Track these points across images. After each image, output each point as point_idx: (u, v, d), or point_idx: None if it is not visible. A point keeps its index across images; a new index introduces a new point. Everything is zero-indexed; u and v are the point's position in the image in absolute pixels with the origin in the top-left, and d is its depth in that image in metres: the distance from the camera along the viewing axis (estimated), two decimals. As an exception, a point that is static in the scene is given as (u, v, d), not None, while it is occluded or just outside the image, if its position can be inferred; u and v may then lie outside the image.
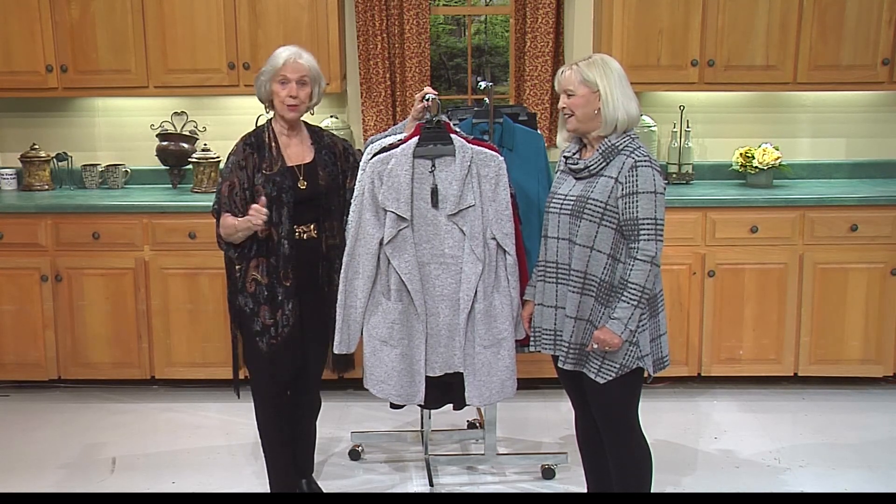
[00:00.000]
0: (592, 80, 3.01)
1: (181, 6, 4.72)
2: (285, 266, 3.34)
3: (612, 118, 3.01)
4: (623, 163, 2.98)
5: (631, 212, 2.95)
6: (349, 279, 3.33)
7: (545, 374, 4.30)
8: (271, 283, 3.33)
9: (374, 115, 5.02)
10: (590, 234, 3.00)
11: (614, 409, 3.11)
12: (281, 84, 3.35)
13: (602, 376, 3.03)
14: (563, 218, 3.07)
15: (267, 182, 3.34)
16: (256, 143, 3.39)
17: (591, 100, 3.02)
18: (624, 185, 2.96)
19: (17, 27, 4.75)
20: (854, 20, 4.70)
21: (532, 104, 5.00)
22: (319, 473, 3.93)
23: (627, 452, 3.15)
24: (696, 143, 5.15)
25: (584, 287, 3.03)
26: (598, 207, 2.98)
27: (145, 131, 5.13)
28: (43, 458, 4.15)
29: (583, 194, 3.03)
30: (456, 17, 6.49)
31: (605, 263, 2.99)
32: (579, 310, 3.05)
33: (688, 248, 4.63)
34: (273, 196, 3.33)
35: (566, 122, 3.09)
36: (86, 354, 4.73)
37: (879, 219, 4.62)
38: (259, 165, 3.35)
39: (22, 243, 4.67)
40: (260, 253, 3.34)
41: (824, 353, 4.70)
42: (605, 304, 3.01)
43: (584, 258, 3.01)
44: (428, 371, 3.35)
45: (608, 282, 3.00)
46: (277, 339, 3.37)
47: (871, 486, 3.85)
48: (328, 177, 3.44)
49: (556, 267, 3.11)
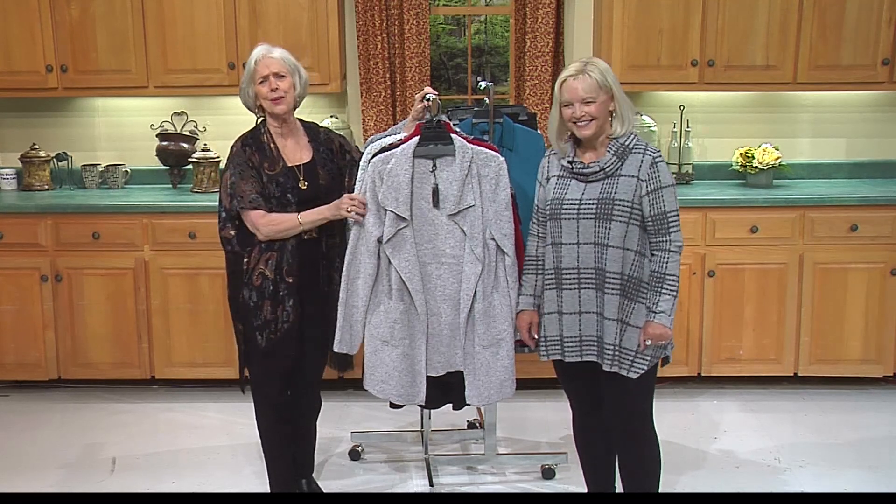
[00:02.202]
0: (607, 85, 3.04)
1: (181, 6, 4.72)
2: (290, 263, 3.35)
3: (626, 117, 3.07)
4: (641, 161, 3.03)
5: (659, 206, 3.02)
6: (351, 278, 3.33)
7: (545, 374, 4.30)
8: (276, 278, 3.34)
9: (374, 115, 5.02)
10: (621, 235, 3.03)
11: (637, 403, 3.15)
12: (261, 84, 3.37)
13: (635, 370, 3.06)
14: (584, 222, 3.06)
15: (270, 182, 3.34)
16: (255, 143, 3.40)
17: (608, 103, 3.06)
18: (648, 182, 3.02)
19: (17, 27, 4.75)
20: (854, 20, 4.70)
21: (532, 104, 5.00)
22: (319, 473, 3.93)
23: (647, 448, 3.18)
24: (696, 143, 5.15)
25: (622, 287, 3.05)
26: (626, 207, 3.02)
27: (145, 131, 5.13)
28: (43, 458, 4.15)
29: (606, 196, 3.03)
30: (456, 17, 6.49)
31: (634, 260, 3.04)
32: (619, 311, 3.06)
33: (688, 248, 4.58)
34: (277, 196, 3.33)
35: (582, 129, 3.04)
36: (86, 354, 4.73)
37: (879, 219, 4.62)
38: (261, 165, 3.36)
39: (22, 243, 4.67)
40: (270, 248, 3.35)
41: (824, 353, 4.70)
42: (635, 300, 3.04)
43: (618, 259, 3.04)
44: (430, 371, 3.35)
45: (638, 278, 3.04)
46: (276, 335, 3.37)
47: (871, 486, 3.85)
48: (328, 175, 3.44)
49: (578, 272, 3.09)
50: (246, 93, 3.43)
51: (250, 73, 3.39)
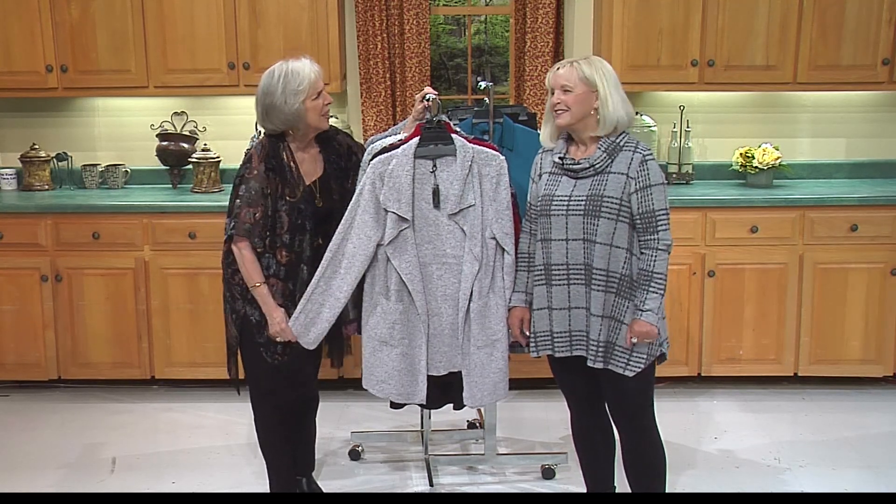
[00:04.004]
0: (592, 80, 3.04)
1: (181, 6, 4.72)
2: (301, 291, 3.30)
3: (611, 119, 3.04)
4: (630, 159, 3.03)
5: (647, 205, 3.01)
6: (326, 276, 3.26)
7: (545, 374, 4.29)
8: (285, 304, 3.30)
9: (374, 115, 5.02)
10: (609, 232, 3.03)
11: (637, 400, 3.14)
12: (316, 99, 3.27)
13: (631, 369, 3.06)
14: (572, 219, 3.07)
15: (291, 210, 3.28)
16: (277, 164, 3.28)
17: (587, 98, 3.04)
18: (637, 180, 3.01)
19: (17, 27, 4.75)
20: (854, 20, 4.70)
21: (532, 104, 4.99)
22: (319, 473, 3.93)
23: (650, 446, 3.18)
24: (696, 143, 5.15)
25: (607, 284, 3.05)
26: (615, 204, 3.02)
27: (145, 131, 5.13)
28: (43, 458, 4.15)
29: (594, 193, 3.04)
30: (456, 17, 6.49)
31: (624, 259, 3.04)
32: (604, 307, 3.07)
33: (688, 248, 4.63)
34: (297, 224, 3.29)
35: (557, 117, 3.09)
36: (86, 354, 4.73)
37: (879, 219, 4.62)
38: (282, 192, 3.27)
39: (22, 243, 4.66)
40: (277, 276, 3.30)
41: (824, 353, 4.70)
42: (628, 298, 3.04)
43: (605, 255, 3.04)
44: (432, 370, 3.35)
45: (628, 276, 3.04)
46: (282, 356, 3.34)
47: (871, 486, 3.85)
48: (340, 189, 3.40)
49: (567, 268, 3.10)
50: (291, 109, 3.22)
51: (310, 86, 3.22)
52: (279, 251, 3.30)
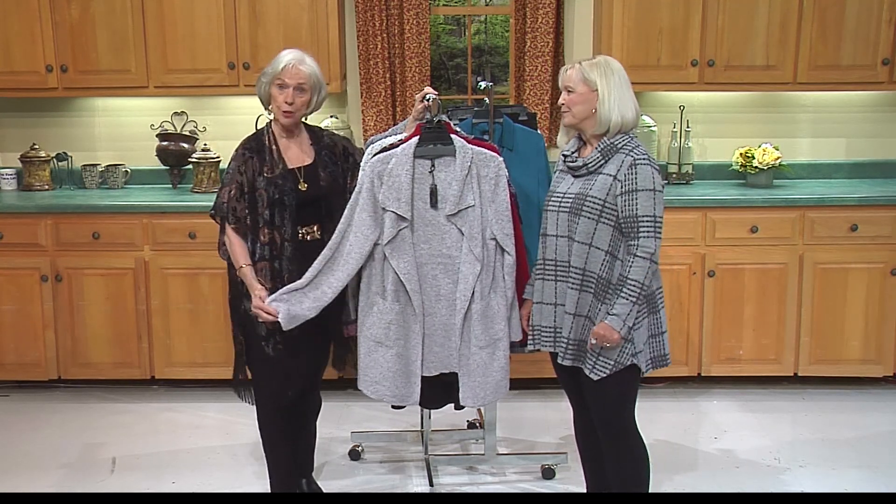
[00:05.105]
0: (592, 80, 3.05)
1: (181, 6, 4.72)
2: (289, 269, 3.32)
3: (605, 118, 3.04)
4: (622, 161, 3.01)
5: (630, 209, 2.98)
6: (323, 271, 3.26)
7: (545, 374, 4.30)
8: (276, 287, 3.31)
9: (374, 115, 5.02)
10: (588, 231, 3.02)
11: (610, 407, 3.12)
12: (279, 88, 3.32)
13: (596, 373, 3.04)
14: (561, 216, 3.09)
15: (269, 185, 3.32)
16: (256, 146, 3.37)
17: (588, 98, 3.05)
18: (623, 183, 2.99)
19: (17, 27, 4.75)
20: (854, 20, 4.70)
21: (532, 104, 5.00)
22: (319, 473, 3.93)
23: (624, 451, 3.16)
24: (696, 143, 5.15)
25: (582, 283, 3.05)
26: (597, 204, 3.01)
27: (145, 131, 5.13)
28: (43, 458, 4.15)
29: (581, 192, 3.05)
30: (456, 17, 6.49)
31: (603, 260, 3.02)
32: (578, 306, 3.07)
33: (688, 248, 4.63)
34: (275, 199, 3.32)
35: (563, 116, 3.13)
36: (86, 354, 4.73)
37: (879, 219, 4.62)
38: (260, 169, 3.33)
39: (22, 243, 4.66)
40: (263, 257, 3.33)
41: (824, 353, 4.70)
42: (603, 301, 3.03)
43: (582, 255, 3.04)
44: (424, 371, 3.34)
45: (606, 278, 3.02)
46: (283, 345, 3.35)
47: (871, 486, 3.85)
48: (329, 177, 3.43)
49: (556, 264, 3.12)
50: (263, 87, 3.36)
51: (274, 73, 3.31)
52: (262, 230, 3.31)
